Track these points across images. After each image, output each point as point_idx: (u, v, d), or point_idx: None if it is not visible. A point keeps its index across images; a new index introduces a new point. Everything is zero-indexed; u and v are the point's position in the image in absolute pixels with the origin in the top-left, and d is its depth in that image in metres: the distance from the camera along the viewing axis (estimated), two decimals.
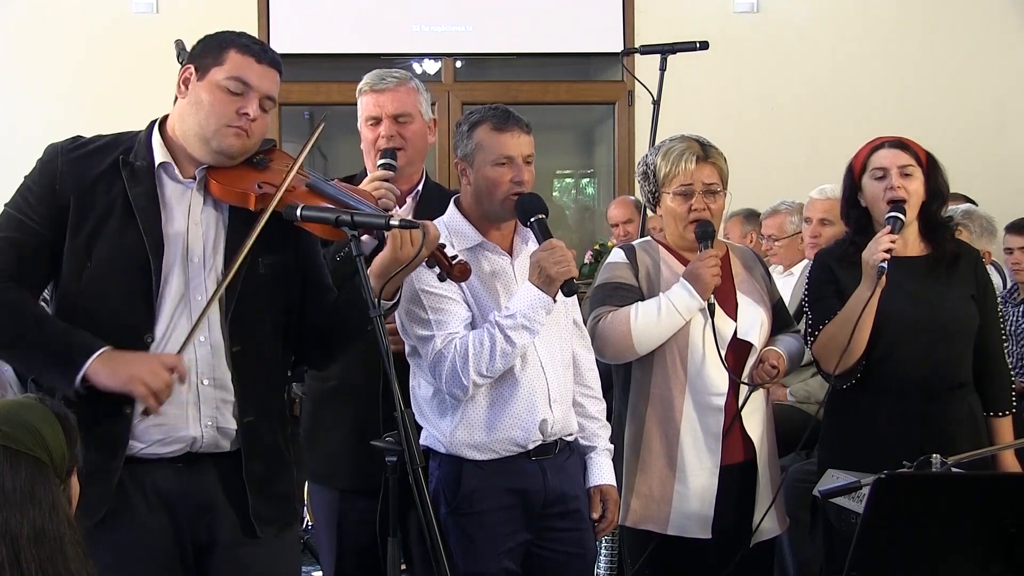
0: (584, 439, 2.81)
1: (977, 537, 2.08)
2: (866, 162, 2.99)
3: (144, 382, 2.11)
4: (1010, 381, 3.07)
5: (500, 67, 6.91)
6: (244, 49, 2.25)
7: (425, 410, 2.68)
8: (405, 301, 2.56)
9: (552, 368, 2.67)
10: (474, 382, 2.53)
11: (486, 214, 2.67)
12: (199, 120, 2.23)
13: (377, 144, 2.87)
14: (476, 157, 2.64)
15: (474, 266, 2.58)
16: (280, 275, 2.34)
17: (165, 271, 2.22)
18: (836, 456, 2.91)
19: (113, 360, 2.14)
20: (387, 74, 2.94)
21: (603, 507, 2.78)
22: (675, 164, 2.96)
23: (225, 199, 2.28)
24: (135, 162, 2.25)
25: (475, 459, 2.61)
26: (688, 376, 2.94)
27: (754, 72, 6.54)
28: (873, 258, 2.82)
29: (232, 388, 2.26)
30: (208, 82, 2.23)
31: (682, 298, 2.90)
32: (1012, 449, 2.97)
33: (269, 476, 2.31)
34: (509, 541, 2.63)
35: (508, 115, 2.65)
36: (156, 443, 2.22)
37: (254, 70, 2.24)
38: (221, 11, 6.12)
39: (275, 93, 2.29)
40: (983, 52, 6.57)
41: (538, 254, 2.56)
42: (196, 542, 2.26)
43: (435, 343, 2.55)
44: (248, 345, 2.28)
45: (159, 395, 2.12)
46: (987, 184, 6.03)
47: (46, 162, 2.26)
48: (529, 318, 2.53)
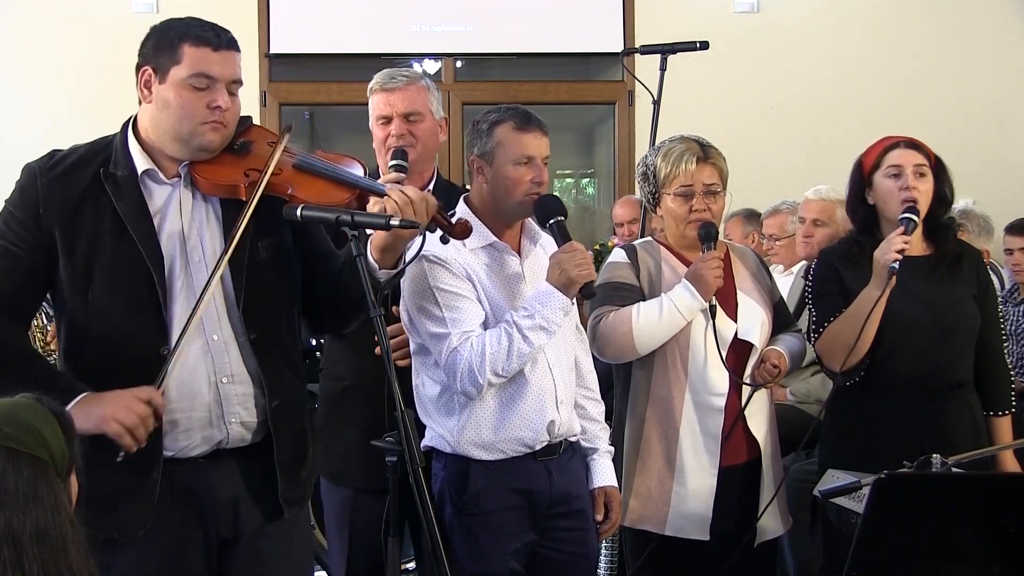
0: (586, 441, 2.81)
1: (977, 537, 2.09)
2: (879, 160, 2.99)
3: (117, 419, 2.06)
4: (1010, 381, 3.08)
5: (500, 67, 6.91)
6: (198, 40, 2.18)
7: (430, 409, 2.66)
8: (416, 297, 2.57)
9: (559, 369, 2.67)
10: (489, 381, 2.53)
11: (501, 212, 2.67)
12: (172, 123, 2.20)
13: (388, 143, 2.88)
14: (496, 155, 2.63)
15: (486, 265, 2.61)
16: (281, 254, 2.33)
17: (168, 278, 2.20)
18: (836, 455, 2.92)
19: (87, 403, 2.10)
20: (397, 73, 2.95)
21: (607, 508, 2.78)
22: (675, 165, 2.96)
23: (214, 193, 2.26)
24: (117, 172, 2.22)
25: (482, 459, 2.61)
26: (689, 377, 2.94)
27: (754, 72, 6.54)
28: (885, 258, 2.83)
29: (251, 379, 2.26)
30: (171, 83, 2.19)
31: (684, 299, 2.90)
32: (1012, 449, 2.97)
33: (296, 459, 2.33)
34: (515, 541, 2.64)
35: (529, 115, 2.66)
36: (184, 448, 2.22)
37: (213, 60, 2.19)
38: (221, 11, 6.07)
39: (239, 75, 2.25)
40: (983, 52, 6.57)
41: (559, 255, 2.57)
42: (220, 535, 2.27)
43: (451, 341, 2.53)
44: (264, 331, 2.27)
45: (135, 431, 2.07)
46: (987, 184, 6.04)
47: (25, 186, 2.21)
48: (547, 319, 2.53)
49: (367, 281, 2.18)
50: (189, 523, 2.23)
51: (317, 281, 2.41)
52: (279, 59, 6.53)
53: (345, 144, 7.75)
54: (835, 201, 4.18)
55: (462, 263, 2.58)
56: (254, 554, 2.29)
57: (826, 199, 4.23)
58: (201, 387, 2.21)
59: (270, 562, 2.31)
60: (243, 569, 2.29)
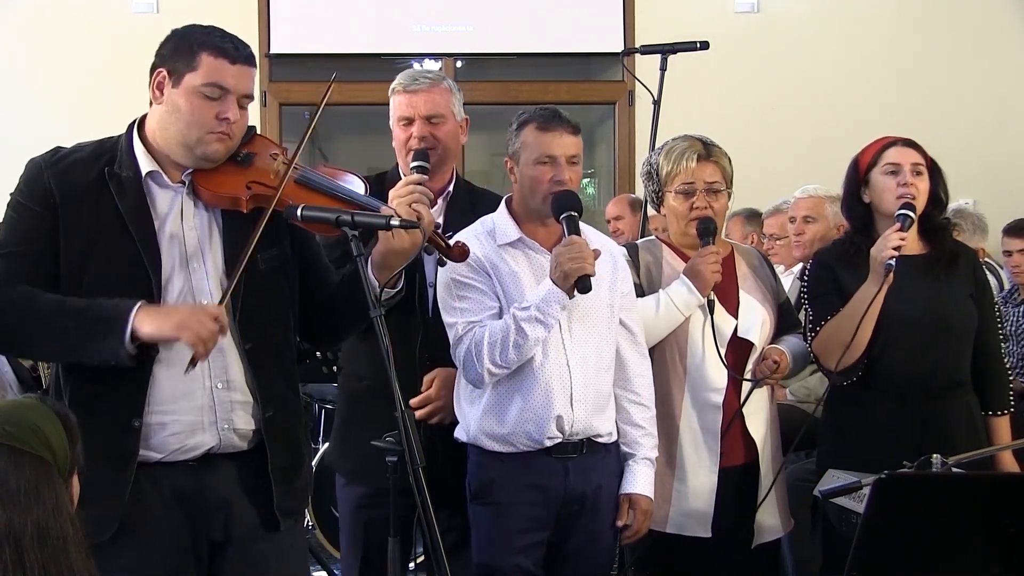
0: (625, 446, 2.80)
1: (977, 537, 2.09)
2: (876, 158, 3.00)
3: (192, 329, 2.07)
4: (1008, 381, 3.08)
5: (500, 67, 6.91)
6: (217, 51, 2.19)
7: (459, 398, 2.75)
8: (442, 288, 2.68)
9: (582, 367, 2.68)
10: (488, 371, 2.58)
11: (531, 211, 2.73)
12: (180, 129, 2.21)
13: (409, 144, 2.88)
14: (522, 155, 2.70)
15: (511, 261, 2.67)
16: (279, 266, 2.35)
17: (165, 281, 2.21)
18: (835, 455, 2.92)
19: (155, 311, 2.11)
20: (420, 74, 2.95)
21: (631, 516, 2.76)
22: (677, 163, 2.98)
23: (216, 205, 2.28)
24: (121, 172, 2.22)
25: (495, 450, 2.66)
26: (687, 373, 2.95)
27: (754, 72, 6.53)
28: (882, 255, 2.83)
29: (246, 388, 2.26)
30: (184, 89, 2.19)
31: (681, 294, 2.91)
32: (1011, 449, 2.97)
33: (291, 469, 2.33)
34: (525, 538, 2.66)
35: (555, 115, 2.70)
36: (174, 451, 2.22)
37: (229, 72, 2.20)
38: (221, 11, 6.10)
39: (252, 91, 2.26)
40: (983, 52, 6.57)
41: (557, 248, 2.60)
42: (211, 539, 2.26)
43: (457, 329, 2.63)
44: (259, 341, 2.28)
45: (207, 343, 2.09)
46: (987, 184, 6.05)
47: (32, 178, 2.22)
48: (543, 311, 2.56)
49: (367, 281, 2.19)
50: (179, 526, 2.22)
51: (312, 289, 2.42)
52: (279, 59, 6.53)
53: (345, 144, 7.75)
54: (824, 197, 4.25)
55: (481, 257, 2.65)
56: (246, 559, 2.28)
57: (815, 196, 4.30)
58: (195, 390, 2.21)
59: (262, 568, 2.30)
60: (235, 574, 2.28)
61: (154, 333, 2.09)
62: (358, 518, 2.91)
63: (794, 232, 4.36)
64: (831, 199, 4.22)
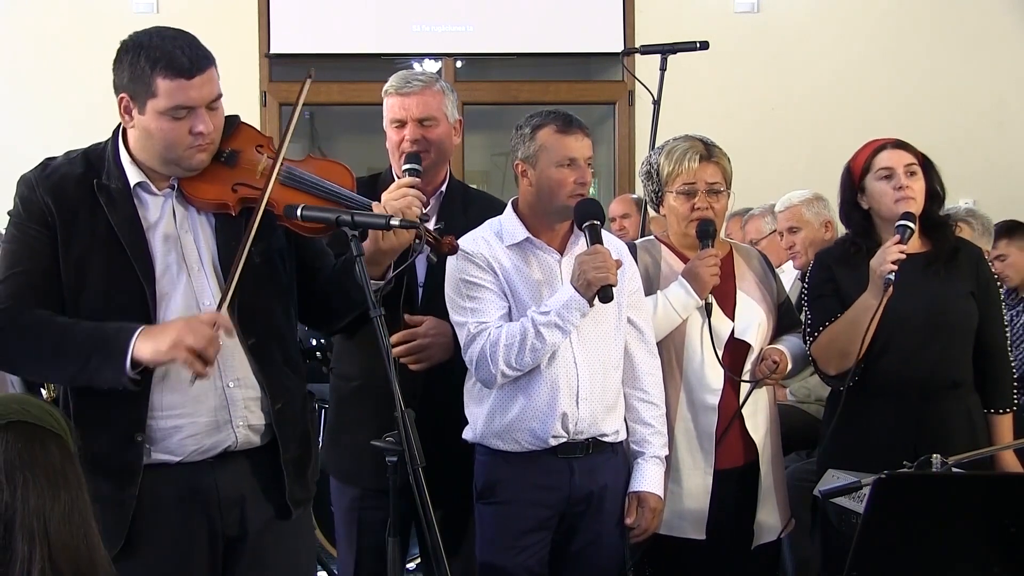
0: (634, 444, 2.81)
1: (977, 537, 2.09)
2: (869, 163, 2.99)
3: (186, 345, 2.07)
4: (1012, 378, 3.05)
5: (500, 67, 6.91)
6: (170, 72, 2.14)
7: (466, 398, 2.76)
8: (449, 288, 2.69)
9: (589, 366, 2.69)
10: (502, 372, 2.60)
11: (545, 214, 2.74)
12: (158, 150, 2.21)
13: (402, 147, 2.88)
14: (540, 158, 2.70)
15: (519, 262, 2.69)
16: (275, 258, 2.36)
17: (166, 289, 2.22)
18: (834, 455, 2.91)
19: (153, 333, 2.11)
20: (413, 76, 2.95)
21: (639, 514, 2.76)
22: (678, 163, 2.98)
23: (204, 210, 2.29)
24: (111, 184, 2.23)
25: (501, 449, 2.68)
26: (684, 375, 2.95)
27: (754, 72, 6.53)
28: (881, 268, 2.82)
29: (256, 383, 2.27)
30: (150, 115, 2.18)
31: (679, 296, 2.91)
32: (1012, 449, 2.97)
33: (302, 460, 2.36)
34: (529, 538, 2.66)
35: (571, 118, 2.73)
36: (192, 452, 2.23)
37: (189, 89, 2.16)
38: (221, 11, 6.11)
39: (218, 90, 2.23)
40: (983, 52, 6.57)
41: (581, 257, 2.61)
42: (227, 535, 2.28)
43: (468, 328, 2.64)
44: (262, 336, 2.29)
45: (205, 355, 2.09)
46: (987, 184, 6.04)
47: (26, 197, 2.23)
48: (563, 317, 2.58)
49: (367, 281, 2.19)
50: (195, 523, 2.24)
51: (312, 279, 2.44)
52: (279, 59, 6.52)
53: (345, 144, 7.75)
54: (799, 204, 4.32)
55: (490, 257, 2.67)
56: (258, 553, 2.30)
57: (790, 206, 4.36)
58: (208, 392, 2.22)
59: (273, 561, 2.32)
60: (247, 569, 2.30)
61: (153, 359, 2.10)
62: (352, 519, 2.91)
63: (785, 245, 4.42)
64: (807, 202, 4.31)
